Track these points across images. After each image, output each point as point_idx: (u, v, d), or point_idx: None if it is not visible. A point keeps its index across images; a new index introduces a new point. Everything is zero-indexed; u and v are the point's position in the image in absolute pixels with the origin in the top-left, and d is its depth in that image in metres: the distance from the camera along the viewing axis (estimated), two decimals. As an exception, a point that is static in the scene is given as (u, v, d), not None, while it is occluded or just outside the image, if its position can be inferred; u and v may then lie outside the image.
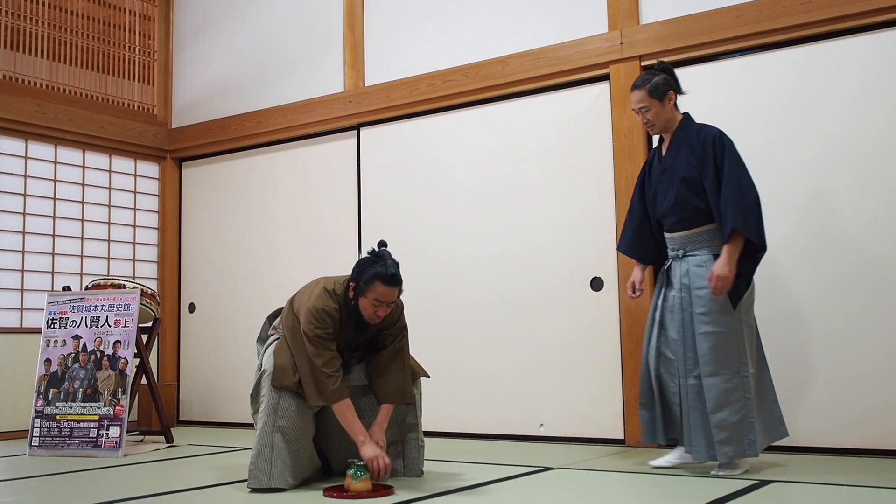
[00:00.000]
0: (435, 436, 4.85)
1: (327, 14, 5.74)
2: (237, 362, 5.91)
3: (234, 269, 6.05)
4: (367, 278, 3.18)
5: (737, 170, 3.32)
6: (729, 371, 3.27)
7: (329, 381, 3.15)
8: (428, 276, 5.12)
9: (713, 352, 3.28)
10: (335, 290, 3.30)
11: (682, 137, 3.48)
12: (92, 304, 4.72)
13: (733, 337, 3.30)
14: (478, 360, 4.92)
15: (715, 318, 3.30)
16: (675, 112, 3.54)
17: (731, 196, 3.27)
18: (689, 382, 3.34)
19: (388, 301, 3.20)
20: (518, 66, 4.82)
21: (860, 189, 3.92)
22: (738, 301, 3.31)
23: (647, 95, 3.49)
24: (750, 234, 3.26)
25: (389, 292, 3.18)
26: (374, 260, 3.23)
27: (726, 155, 3.35)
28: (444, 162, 5.14)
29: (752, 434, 3.26)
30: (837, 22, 3.99)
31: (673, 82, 3.53)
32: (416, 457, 3.47)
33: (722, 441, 3.24)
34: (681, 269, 3.42)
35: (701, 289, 3.33)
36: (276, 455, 3.17)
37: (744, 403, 3.26)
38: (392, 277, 3.17)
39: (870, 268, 3.87)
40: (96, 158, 6.08)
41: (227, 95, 6.22)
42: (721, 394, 3.26)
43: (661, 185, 3.52)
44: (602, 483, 3.25)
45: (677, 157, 3.47)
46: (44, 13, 5.87)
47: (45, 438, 4.51)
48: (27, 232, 5.63)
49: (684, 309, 3.38)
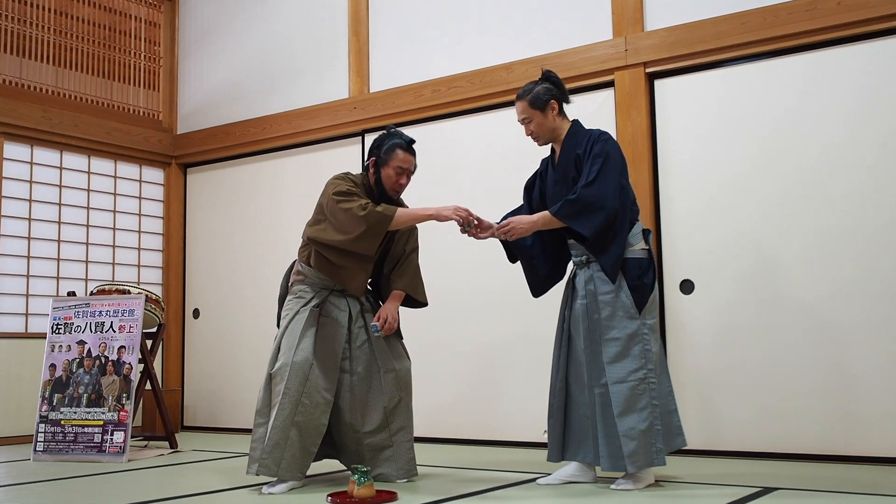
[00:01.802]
0: (438, 442, 4.84)
1: (332, 20, 5.75)
2: (241, 368, 5.91)
3: (239, 275, 6.06)
4: (387, 149, 3.51)
5: (592, 166, 3.22)
6: (635, 377, 3.18)
7: (372, 211, 3.30)
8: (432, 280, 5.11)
9: (619, 357, 3.21)
10: (348, 175, 3.58)
11: (572, 145, 3.38)
12: (97, 310, 4.73)
13: (638, 342, 3.22)
14: (481, 364, 4.91)
15: (619, 323, 3.22)
16: (561, 121, 3.42)
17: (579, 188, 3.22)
18: (596, 391, 3.25)
19: (408, 168, 3.52)
20: (523, 73, 4.83)
21: (864, 196, 3.91)
22: (643, 305, 3.24)
23: (528, 106, 3.38)
24: (560, 217, 3.21)
25: (409, 158, 3.52)
26: (389, 135, 3.57)
27: (594, 152, 3.25)
28: (449, 167, 5.15)
29: (659, 441, 3.16)
30: (842, 29, 4.00)
31: (556, 91, 3.40)
32: (408, 458, 3.49)
33: (631, 451, 3.12)
34: (585, 276, 3.34)
35: (605, 294, 3.25)
36: (288, 448, 3.26)
37: (651, 410, 3.16)
38: (409, 143, 3.53)
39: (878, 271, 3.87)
40: (102, 164, 6.10)
41: (232, 101, 6.24)
42: (628, 400, 3.16)
43: (556, 195, 3.42)
44: (604, 491, 3.23)
45: (568, 165, 3.38)
46: (50, 19, 5.89)
47: (50, 443, 4.51)
48: (32, 237, 5.64)
49: (590, 315, 3.29)
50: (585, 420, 3.32)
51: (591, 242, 3.25)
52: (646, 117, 4.47)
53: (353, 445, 3.49)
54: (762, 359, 4.09)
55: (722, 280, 4.23)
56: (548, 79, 3.43)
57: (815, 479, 3.41)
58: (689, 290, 4.32)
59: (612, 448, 3.18)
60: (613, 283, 3.24)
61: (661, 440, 3.18)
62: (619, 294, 3.24)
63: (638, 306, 3.23)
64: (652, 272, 3.30)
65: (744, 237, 4.19)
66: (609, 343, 3.23)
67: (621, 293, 3.24)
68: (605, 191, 3.21)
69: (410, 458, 3.49)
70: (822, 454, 3.90)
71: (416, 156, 3.55)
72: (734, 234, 4.22)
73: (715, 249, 4.26)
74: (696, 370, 4.25)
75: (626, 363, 3.20)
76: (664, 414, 3.28)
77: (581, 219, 3.22)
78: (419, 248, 3.73)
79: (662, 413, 3.26)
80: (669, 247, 4.39)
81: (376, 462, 3.46)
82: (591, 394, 3.27)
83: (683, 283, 4.33)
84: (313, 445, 3.34)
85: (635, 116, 4.48)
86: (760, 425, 4.06)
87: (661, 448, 3.17)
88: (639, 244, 3.30)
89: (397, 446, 3.48)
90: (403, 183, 3.53)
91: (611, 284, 3.25)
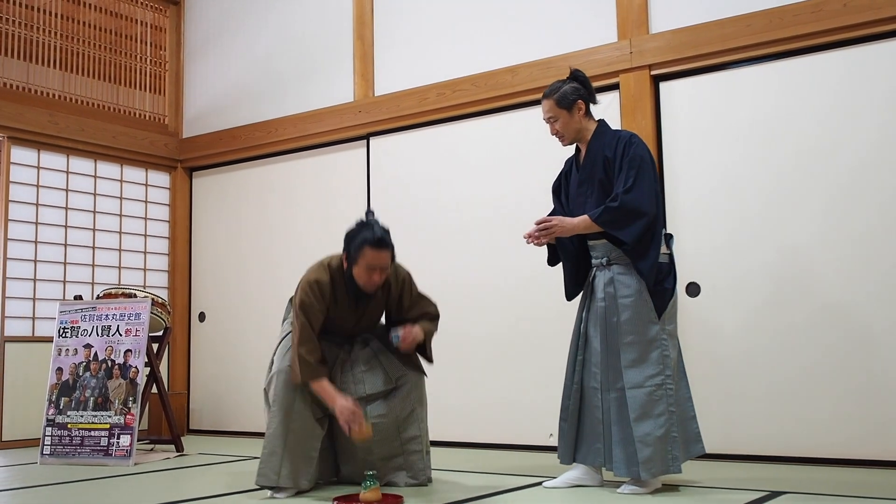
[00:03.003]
0: (444, 445, 4.84)
1: (337, 24, 5.76)
2: (247, 371, 5.91)
3: (245, 279, 6.07)
4: (356, 246, 3.27)
5: (629, 172, 3.20)
6: (653, 383, 3.15)
7: (305, 364, 3.21)
8: (437, 284, 5.11)
9: (637, 362, 3.18)
10: (331, 263, 3.42)
11: (598, 146, 3.34)
12: (103, 314, 4.74)
13: (657, 347, 3.19)
14: (487, 369, 4.91)
15: (638, 328, 3.19)
16: (587, 121, 3.39)
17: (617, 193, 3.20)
18: (612, 395, 3.22)
19: (380, 266, 3.27)
20: (527, 76, 4.83)
21: (867, 197, 3.90)
22: (663, 311, 3.21)
23: (555, 105, 3.34)
24: (600, 223, 3.19)
25: (379, 256, 3.26)
26: (361, 228, 3.32)
27: (629, 156, 3.23)
28: (454, 171, 5.15)
29: (675, 449, 3.13)
30: (848, 31, 3.99)
31: (584, 91, 3.37)
32: (420, 467, 3.46)
33: (646, 457, 3.09)
34: (605, 278, 3.31)
35: (625, 297, 3.22)
36: (286, 456, 3.24)
37: (668, 417, 3.13)
38: (380, 241, 3.25)
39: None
40: (108, 168, 6.12)
41: (237, 105, 6.25)
42: (644, 406, 3.13)
43: (580, 196, 3.40)
44: (612, 495, 3.23)
45: (594, 166, 3.34)
46: (56, 24, 5.91)
47: (57, 447, 4.52)
48: (39, 241, 5.66)
49: (608, 318, 3.26)
50: (597, 423, 3.28)
51: (631, 248, 3.21)
52: (651, 120, 4.47)
53: (361, 454, 3.45)
54: (769, 362, 4.07)
55: (728, 283, 4.22)
56: (575, 78, 3.40)
57: (822, 482, 3.39)
58: (695, 293, 4.31)
59: (627, 453, 3.16)
60: (639, 286, 3.20)
61: (678, 447, 3.15)
62: (639, 298, 3.21)
63: (658, 311, 3.20)
64: (673, 277, 3.28)
65: (750, 239, 4.18)
66: (627, 347, 3.20)
67: (641, 297, 3.21)
68: (644, 197, 3.18)
69: (422, 467, 3.46)
70: (831, 458, 3.89)
71: (390, 248, 3.29)
72: (740, 236, 4.21)
73: (721, 252, 4.25)
74: (700, 373, 4.24)
75: (644, 368, 3.17)
76: (683, 420, 3.26)
77: (622, 225, 3.19)
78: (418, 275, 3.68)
79: (681, 419, 3.24)
80: (675, 249, 4.37)
81: (386, 470, 3.45)
82: (606, 397, 3.25)
83: (689, 286, 4.32)
84: (313, 450, 3.31)
85: (640, 119, 4.47)
86: (769, 429, 4.05)
87: (676, 455, 3.14)
88: (662, 248, 3.28)
89: (410, 455, 3.46)
90: (376, 280, 3.29)
91: (631, 288, 3.22)
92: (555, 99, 3.35)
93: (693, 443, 3.30)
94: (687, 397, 3.32)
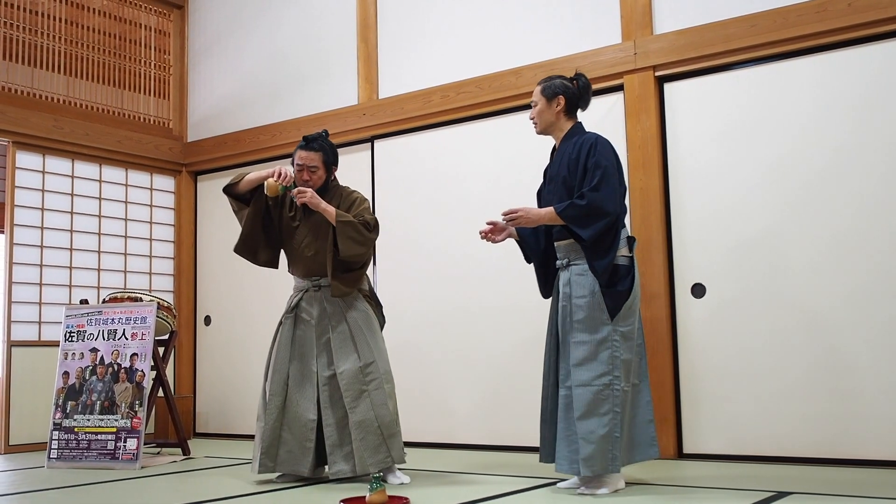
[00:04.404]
0: (451, 448, 4.84)
1: (341, 27, 5.77)
2: (253, 374, 5.91)
3: (250, 282, 6.07)
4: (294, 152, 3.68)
5: (595, 172, 3.24)
6: (600, 382, 3.18)
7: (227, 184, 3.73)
8: (440, 285, 5.13)
9: (585, 361, 3.22)
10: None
11: (567, 146, 3.41)
12: (109, 317, 4.75)
13: (607, 347, 3.22)
14: (488, 369, 4.91)
15: (589, 328, 3.23)
16: (564, 119, 3.45)
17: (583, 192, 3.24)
18: (562, 393, 3.28)
19: (307, 165, 3.63)
20: (532, 78, 4.83)
21: (876, 200, 3.90)
22: (616, 312, 3.24)
23: (539, 91, 3.46)
24: (564, 217, 3.24)
25: (306, 156, 3.63)
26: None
27: (593, 158, 3.27)
28: (458, 173, 5.15)
29: (616, 449, 3.17)
30: (853, 30, 3.98)
31: (572, 90, 3.43)
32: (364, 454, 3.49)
33: (588, 455, 3.14)
34: (565, 279, 3.36)
35: (580, 297, 3.27)
36: (283, 445, 3.58)
37: (612, 416, 3.17)
38: (306, 140, 3.64)
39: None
40: (113, 172, 6.13)
41: (241, 109, 6.26)
42: (590, 404, 3.17)
43: (549, 193, 3.48)
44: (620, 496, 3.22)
45: (560, 165, 3.41)
46: (60, 29, 5.93)
47: (64, 451, 4.53)
48: (45, 246, 5.67)
49: (565, 318, 3.32)
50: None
51: (589, 245, 3.25)
52: (656, 121, 4.46)
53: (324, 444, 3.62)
54: (774, 363, 4.07)
55: (733, 284, 4.22)
56: (576, 78, 3.48)
57: (828, 482, 3.39)
58: (700, 293, 4.30)
59: (570, 450, 3.22)
60: (594, 287, 3.24)
61: (619, 447, 3.18)
62: (593, 299, 3.25)
63: (611, 312, 3.24)
64: (630, 279, 3.29)
65: (755, 241, 4.17)
66: (577, 346, 3.26)
67: (594, 298, 3.25)
68: (609, 197, 3.24)
69: (369, 451, 3.49)
70: (834, 458, 3.88)
71: (319, 150, 3.65)
72: (745, 237, 4.20)
73: (726, 253, 4.25)
74: (706, 374, 4.23)
75: (593, 367, 3.21)
76: (642, 423, 3.31)
77: (585, 223, 3.23)
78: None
79: (640, 422, 3.30)
80: (680, 251, 4.38)
81: (333, 459, 3.55)
82: (560, 394, 3.30)
83: (695, 287, 4.32)
84: (307, 441, 3.56)
85: (645, 120, 4.47)
86: (773, 429, 4.04)
87: (616, 455, 3.18)
88: (622, 250, 3.30)
89: (357, 442, 3.51)
90: (305, 178, 3.65)
91: (585, 288, 3.27)
92: (541, 86, 3.48)
93: (647, 446, 3.33)
94: (647, 401, 3.35)
